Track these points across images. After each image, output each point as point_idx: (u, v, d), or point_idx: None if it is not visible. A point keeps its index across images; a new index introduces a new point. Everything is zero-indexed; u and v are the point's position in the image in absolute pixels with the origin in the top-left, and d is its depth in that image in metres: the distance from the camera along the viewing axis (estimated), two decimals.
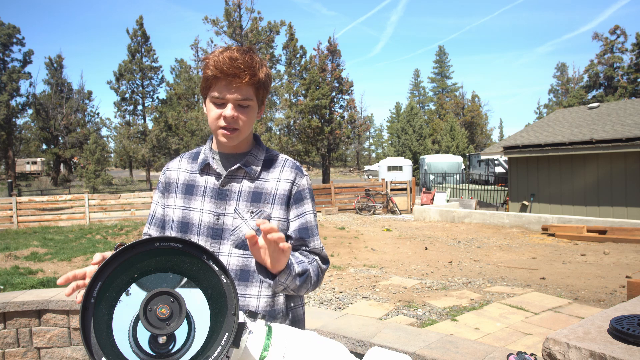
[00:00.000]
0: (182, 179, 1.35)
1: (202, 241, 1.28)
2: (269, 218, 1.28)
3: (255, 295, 1.27)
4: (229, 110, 1.22)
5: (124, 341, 0.72)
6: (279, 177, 1.32)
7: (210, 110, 1.25)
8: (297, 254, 1.29)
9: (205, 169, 1.33)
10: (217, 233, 1.28)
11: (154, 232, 1.39)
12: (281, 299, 1.31)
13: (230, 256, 1.27)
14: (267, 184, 1.31)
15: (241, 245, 1.26)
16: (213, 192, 1.30)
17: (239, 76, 1.19)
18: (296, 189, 1.33)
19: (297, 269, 1.17)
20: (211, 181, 1.31)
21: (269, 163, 1.34)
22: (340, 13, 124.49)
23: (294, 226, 1.32)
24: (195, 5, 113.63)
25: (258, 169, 1.32)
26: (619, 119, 13.01)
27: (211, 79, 1.22)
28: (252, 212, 1.27)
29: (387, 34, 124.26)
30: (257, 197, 1.29)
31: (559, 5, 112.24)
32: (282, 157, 1.37)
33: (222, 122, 1.24)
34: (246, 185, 1.30)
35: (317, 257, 1.33)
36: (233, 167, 1.30)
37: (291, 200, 1.32)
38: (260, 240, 1.03)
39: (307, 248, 1.33)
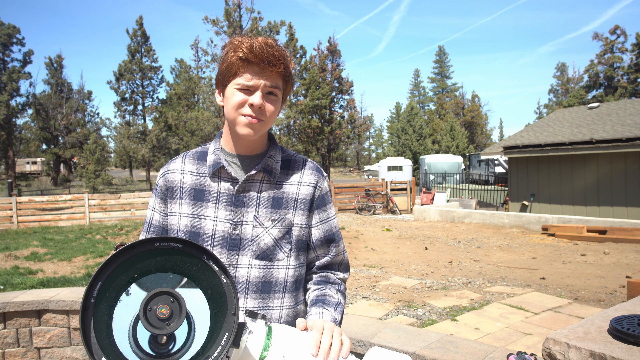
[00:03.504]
0: (188, 183, 1.21)
1: (217, 252, 1.16)
2: (291, 225, 1.20)
3: (278, 307, 1.21)
4: (257, 98, 1.10)
5: (124, 341, 0.72)
6: (300, 181, 1.23)
7: (233, 96, 1.12)
8: (327, 290, 1.23)
9: (218, 172, 1.20)
10: (234, 243, 1.17)
11: None
12: (301, 307, 1.27)
13: (250, 268, 1.17)
14: (288, 188, 1.21)
15: (262, 255, 1.17)
16: (228, 198, 1.18)
17: (274, 64, 1.10)
18: (319, 193, 1.25)
19: (339, 317, 1.18)
20: (225, 186, 1.19)
21: (287, 164, 1.25)
22: (343, 13, 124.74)
23: (318, 232, 1.25)
24: (195, 5, 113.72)
25: (277, 171, 1.22)
26: (619, 119, 13.01)
27: (239, 64, 1.11)
28: (273, 220, 1.18)
29: (389, 34, 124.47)
30: (277, 203, 1.19)
31: (561, 5, 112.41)
32: (301, 157, 1.28)
33: (246, 110, 1.12)
34: (265, 190, 1.19)
35: (340, 276, 1.30)
36: (252, 172, 1.18)
37: (313, 205, 1.24)
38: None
39: (332, 254, 1.28)
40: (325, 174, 1.31)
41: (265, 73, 1.11)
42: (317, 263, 1.28)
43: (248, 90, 1.12)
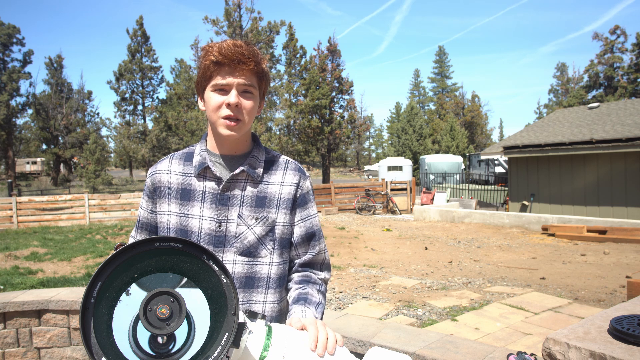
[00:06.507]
0: (175, 183, 1.26)
1: None
2: (274, 223, 1.24)
3: (261, 301, 1.25)
4: (233, 97, 1.15)
5: (124, 341, 0.72)
6: (283, 181, 1.27)
7: (211, 99, 1.17)
8: (309, 289, 1.26)
9: (203, 172, 1.24)
10: (219, 241, 1.22)
11: (140, 238, 1.33)
12: (285, 304, 1.30)
13: (234, 264, 1.22)
14: (271, 188, 1.26)
15: (246, 252, 1.22)
16: (213, 197, 1.23)
17: (243, 62, 1.15)
18: (300, 192, 1.29)
19: (319, 317, 1.18)
20: (210, 186, 1.23)
21: (270, 165, 1.29)
22: (345, 12, 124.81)
23: (299, 230, 1.29)
24: (195, 5, 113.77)
25: (260, 171, 1.26)
26: (619, 119, 13.01)
27: (212, 67, 1.16)
28: (256, 218, 1.23)
29: (391, 34, 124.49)
30: (261, 202, 1.24)
31: (562, 6, 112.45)
32: (283, 158, 1.33)
33: (224, 111, 1.16)
34: (249, 189, 1.24)
35: (322, 276, 1.32)
36: (236, 172, 1.22)
37: (296, 203, 1.29)
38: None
39: (313, 252, 1.31)
40: (307, 174, 1.35)
41: (236, 72, 1.16)
42: (297, 261, 1.31)
43: (224, 90, 1.17)
